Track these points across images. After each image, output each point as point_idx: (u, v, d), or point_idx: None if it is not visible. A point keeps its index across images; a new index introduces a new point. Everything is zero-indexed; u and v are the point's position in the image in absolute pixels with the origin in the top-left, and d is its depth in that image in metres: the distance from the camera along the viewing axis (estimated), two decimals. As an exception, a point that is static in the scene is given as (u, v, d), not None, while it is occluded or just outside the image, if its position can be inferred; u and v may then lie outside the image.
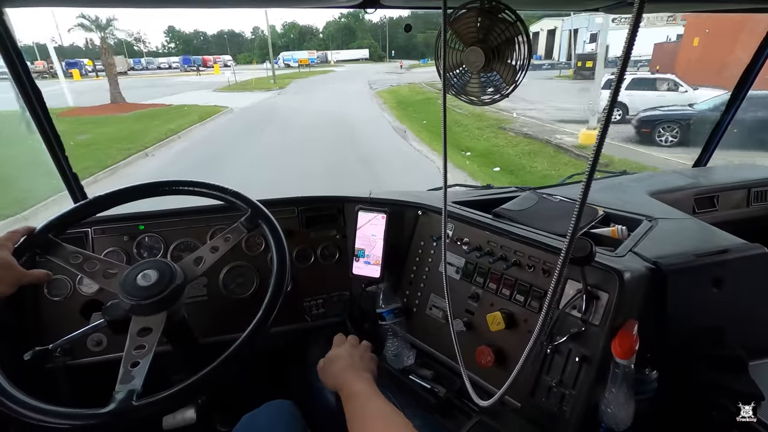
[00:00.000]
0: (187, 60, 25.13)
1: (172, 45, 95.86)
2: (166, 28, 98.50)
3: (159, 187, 0.97)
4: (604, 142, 0.48)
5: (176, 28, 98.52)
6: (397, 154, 7.82)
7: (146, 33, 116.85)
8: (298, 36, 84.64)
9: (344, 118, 11.71)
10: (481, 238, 1.04)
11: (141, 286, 0.78)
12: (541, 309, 0.90)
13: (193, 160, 7.95)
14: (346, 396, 0.71)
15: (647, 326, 0.80)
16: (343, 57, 66.36)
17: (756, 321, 0.94)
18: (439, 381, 1.04)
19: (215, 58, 63.29)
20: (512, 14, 0.76)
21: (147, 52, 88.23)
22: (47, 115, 1.10)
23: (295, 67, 46.27)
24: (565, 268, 0.58)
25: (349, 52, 70.07)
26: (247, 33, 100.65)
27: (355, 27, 78.86)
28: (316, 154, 7.82)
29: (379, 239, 1.20)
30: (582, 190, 0.51)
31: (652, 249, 0.91)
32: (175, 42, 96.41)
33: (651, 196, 1.32)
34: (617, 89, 0.46)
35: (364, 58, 66.66)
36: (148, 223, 1.17)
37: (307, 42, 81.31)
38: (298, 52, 60.19)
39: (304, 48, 69.60)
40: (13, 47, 0.99)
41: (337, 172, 6.48)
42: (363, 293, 1.24)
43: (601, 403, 0.79)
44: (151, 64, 57.99)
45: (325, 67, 53.52)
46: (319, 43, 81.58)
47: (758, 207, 1.52)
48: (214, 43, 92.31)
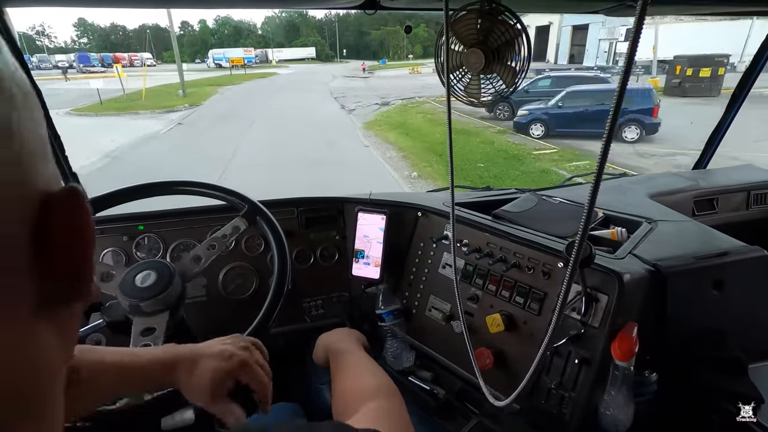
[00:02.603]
0: (85, 58, 20.11)
1: (84, 40, 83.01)
2: (76, 21, 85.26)
3: (158, 187, 0.97)
4: (609, 146, 0.48)
5: (89, 21, 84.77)
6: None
7: (51, 26, 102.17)
8: (233, 32, 75.25)
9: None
10: (481, 239, 1.04)
11: (140, 286, 0.78)
12: (540, 311, 0.90)
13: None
14: (332, 354, 0.73)
15: (647, 328, 0.80)
16: (286, 56, 58.80)
17: (756, 323, 0.94)
18: (438, 382, 1.04)
19: (131, 56, 52.71)
20: (512, 16, 0.76)
21: (53, 48, 76.18)
22: (47, 113, 1.09)
23: (227, 67, 36.50)
24: (575, 273, 0.57)
25: (293, 50, 62.29)
26: (176, 28, 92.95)
27: (299, 23, 70.38)
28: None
29: (379, 240, 1.20)
30: (589, 193, 0.51)
31: (652, 251, 0.91)
32: (88, 36, 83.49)
33: (650, 198, 1.32)
34: (622, 90, 0.46)
35: (311, 58, 59.87)
36: (148, 223, 1.17)
37: (244, 39, 71.42)
38: (231, 50, 49.92)
39: (241, 46, 58.46)
40: (12, 46, 0.99)
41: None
42: (362, 294, 1.24)
43: (600, 406, 0.79)
44: (45, 62, 45.49)
45: (265, 68, 44.34)
46: (257, 40, 72.33)
47: (758, 209, 1.52)
48: (136, 39, 77.80)
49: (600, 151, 0.49)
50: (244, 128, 10.15)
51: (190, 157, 7.64)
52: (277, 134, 9.62)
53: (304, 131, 9.81)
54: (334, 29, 64.70)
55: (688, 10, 1.18)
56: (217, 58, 45.40)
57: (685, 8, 1.23)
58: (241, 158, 7.38)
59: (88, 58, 21.80)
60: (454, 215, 0.87)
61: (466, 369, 1.02)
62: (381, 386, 0.60)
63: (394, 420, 0.52)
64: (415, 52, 61.71)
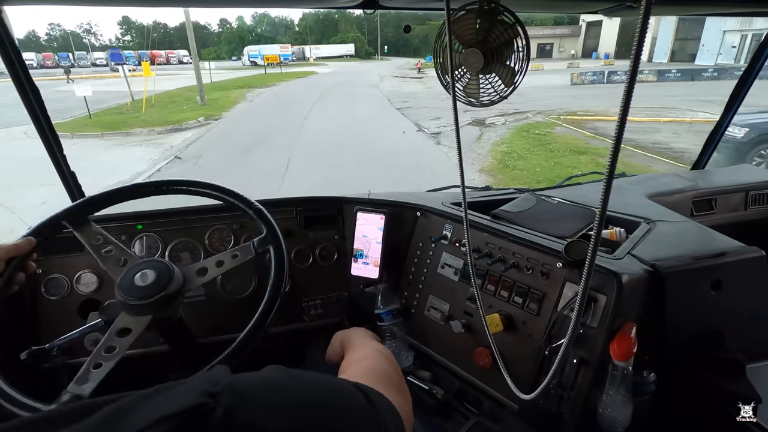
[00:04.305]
0: (117, 56, 19.10)
1: (127, 38, 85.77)
2: (121, 19, 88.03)
3: (157, 186, 0.97)
4: (620, 147, 0.48)
5: (132, 19, 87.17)
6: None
7: (98, 24, 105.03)
8: (271, 29, 75.21)
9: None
10: (480, 239, 1.04)
11: (138, 285, 0.78)
12: (539, 311, 0.90)
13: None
14: (347, 344, 0.72)
15: (645, 329, 0.80)
16: (324, 53, 56.98)
17: (754, 324, 0.94)
18: (437, 382, 1.04)
19: (168, 53, 53.39)
20: (511, 16, 0.76)
21: (99, 45, 78.38)
22: (45, 113, 1.09)
23: (263, 65, 34.50)
24: (590, 277, 0.58)
25: (331, 47, 59.97)
26: (213, 26, 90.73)
27: (338, 18, 67.62)
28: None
29: (378, 240, 1.20)
30: (602, 195, 0.51)
31: (650, 251, 0.91)
32: (131, 34, 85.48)
33: (649, 198, 1.32)
34: (629, 93, 0.46)
35: (349, 55, 57.50)
36: (146, 222, 1.17)
37: (281, 36, 71.57)
38: (267, 47, 47.25)
39: (278, 43, 56.11)
40: (11, 46, 0.99)
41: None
42: (361, 294, 1.24)
43: (599, 405, 0.79)
44: (83, 60, 48.77)
45: (302, 66, 42.60)
46: (294, 36, 71.40)
47: (756, 210, 1.52)
48: (177, 36, 77.87)
49: (611, 151, 0.49)
50: (277, 176, 6.13)
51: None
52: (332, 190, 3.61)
53: (378, 184, 5.64)
54: (375, 24, 60.48)
55: (689, 10, 1.18)
56: (252, 55, 43.85)
57: (685, 8, 1.23)
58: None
59: (121, 56, 20.90)
60: (467, 219, 0.87)
61: (465, 369, 1.02)
62: (376, 351, 0.60)
63: (378, 375, 0.52)
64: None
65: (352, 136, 8.99)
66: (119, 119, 11.30)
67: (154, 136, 9.69)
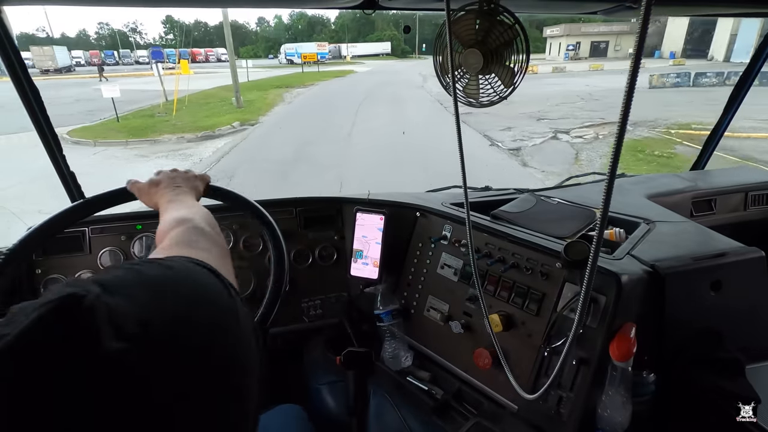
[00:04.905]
0: (158, 54, 19.72)
1: (170, 36, 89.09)
2: (164, 18, 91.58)
3: None
4: (621, 148, 0.48)
5: (175, 18, 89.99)
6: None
7: (143, 23, 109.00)
8: (307, 27, 74.43)
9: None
10: (480, 239, 1.04)
11: None
12: (539, 311, 0.90)
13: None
14: (161, 210, 0.69)
15: (645, 329, 0.80)
16: (360, 51, 55.86)
17: (753, 324, 0.94)
18: (436, 383, 1.04)
19: (207, 51, 54.78)
20: (511, 17, 0.76)
21: (144, 44, 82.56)
22: (44, 112, 1.09)
23: (299, 63, 34.46)
24: (593, 278, 0.58)
25: (367, 45, 58.81)
26: (252, 24, 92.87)
27: (374, 17, 69.11)
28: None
29: (378, 240, 1.20)
30: (603, 196, 0.51)
31: (650, 252, 0.91)
32: (174, 33, 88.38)
33: (649, 198, 1.32)
34: (630, 94, 0.46)
35: (385, 53, 56.45)
36: (146, 222, 1.17)
37: (317, 34, 70.77)
38: (305, 44, 46.62)
39: (314, 41, 54.72)
40: (10, 45, 0.98)
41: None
42: (361, 294, 1.24)
43: (598, 406, 0.79)
44: (126, 58, 51.97)
45: (339, 64, 41.95)
46: (330, 35, 70.59)
47: (755, 210, 1.52)
48: (216, 35, 78.53)
49: (612, 152, 0.48)
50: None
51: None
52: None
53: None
54: (412, 22, 61.86)
55: (689, 11, 1.18)
56: (289, 53, 43.60)
57: (685, 9, 1.24)
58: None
59: (161, 54, 21.67)
60: (470, 220, 0.86)
61: (465, 369, 1.02)
62: (187, 215, 0.59)
63: (192, 241, 0.53)
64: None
65: (412, 150, 7.24)
66: (148, 123, 10.44)
67: (183, 145, 8.64)
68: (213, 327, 0.33)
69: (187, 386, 0.28)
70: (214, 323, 0.33)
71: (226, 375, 0.32)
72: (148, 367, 0.26)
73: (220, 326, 0.33)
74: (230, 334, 0.34)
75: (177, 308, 0.31)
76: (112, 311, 0.26)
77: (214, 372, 0.31)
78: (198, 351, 0.30)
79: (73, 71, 35.68)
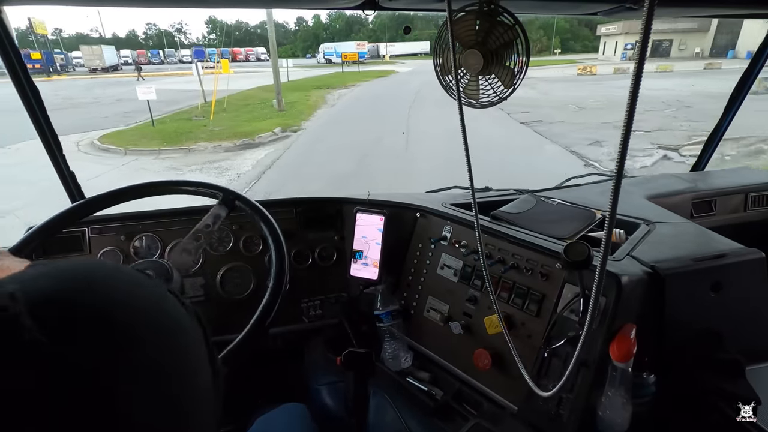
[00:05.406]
0: (200, 53, 20.08)
1: (212, 36, 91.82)
2: (207, 18, 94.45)
3: (158, 186, 0.97)
4: (627, 149, 0.48)
5: (217, 18, 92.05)
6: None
7: (188, 24, 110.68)
8: (345, 26, 73.32)
9: None
10: None
11: None
12: (539, 312, 0.90)
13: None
14: None
15: (645, 330, 0.80)
16: (398, 51, 55.05)
17: (753, 325, 0.94)
18: (436, 383, 1.03)
19: (247, 51, 55.60)
20: (510, 17, 0.76)
21: (187, 43, 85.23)
22: (44, 113, 1.09)
23: (339, 63, 33.37)
24: (602, 281, 0.58)
25: (406, 45, 56.95)
26: (291, 24, 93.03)
27: (413, 15, 65.06)
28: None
29: (377, 241, 1.20)
30: (610, 198, 0.51)
31: (650, 253, 0.91)
32: (216, 33, 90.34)
33: (649, 199, 1.32)
34: (635, 94, 0.46)
35: (424, 53, 54.56)
36: (145, 223, 1.17)
37: (355, 33, 70.50)
38: (344, 44, 45.81)
39: (352, 40, 54.59)
40: (10, 45, 0.98)
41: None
42: (361, 295, 1.24)
43: (598, 407, 0.79)
44: (171, 57, 53.64)
45: (378, 64, 40.47)
46: (368, 34, 69.85)
47: (755, 211, 1.52)
48: (256, 35, 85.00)
49: (617, 154, 0.48)
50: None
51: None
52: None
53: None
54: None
55: (689, 11, 1.18)
56: (328, 52, 42.53)
57: (685, 10, 1.24)
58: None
59: (203, 53, 21.86)
60: (478, 224, 0.85)
61: (465, 370, 1.02)
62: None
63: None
64: (550, 47, 51.61)
65: (489, 171, 4.72)
66: (185, 127, 9.60)
67: (220, 156, 7.59)
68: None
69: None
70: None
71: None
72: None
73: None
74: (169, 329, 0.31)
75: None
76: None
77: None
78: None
79: (120, 70, 36.27)
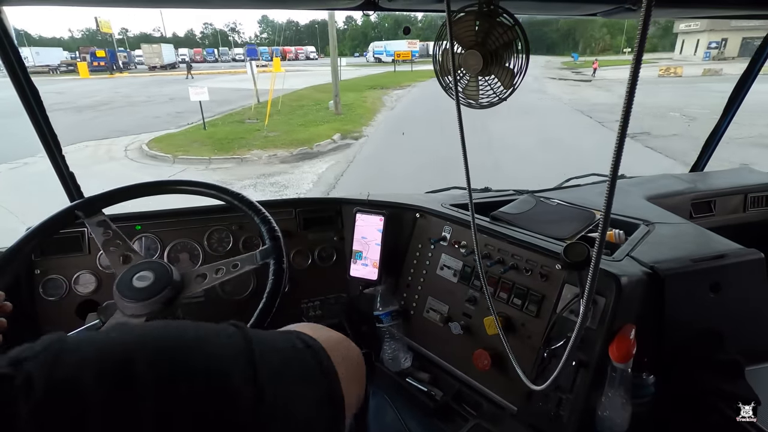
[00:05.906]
0: (252, 52, 19.87)
1: (264, 35, 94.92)
2: (260, 18, 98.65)
3: (159, 186, 0.97)
4: (622, 149, 0.48)
5: (269, 18, 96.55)
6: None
7: (241, 23, 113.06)
8: (393, 25, 71.34)
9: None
10: (479, 241, 1.04)
11: (136, 287, 0.78)
12: (538, 313, 0.90)
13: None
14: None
15: (644, 330, 0.80)
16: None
17: (753, 326, 0.94)
18: (436, 384, 1.03)
19: (297, 49, 56.12)
20: (510, 18, 0.76)
21: (241, 42, 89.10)
22: (44, 113, 1.09)
23: (388, 62, 32.11)
24: (595, 282, 0.58)
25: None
26: (339, 23, 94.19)
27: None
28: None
29: (377, 241, 1.20)
30: (605, 199, 0.51)
31: (650, 253, 0.91)
32: (268, 32, 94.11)
33: (648, 200, 1.32)
34: (631, 93, 0.46)
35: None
36: (145, 223, 1.16)
37: (403, 32, 74.00)
38: (395, 42, 42.84)
39: (399, 39, 50.34)
40: (10, 45, 0.98)
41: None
42: (360, 295, 1.24)
43: (598, 408, 0.79)
44: (225, 55, 55.76)
45: (429, 63, 39.74)
46: (417, 33, 66.92)
47: (755, 212, 1.52)
48: (306, 33, 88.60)
49: (613, 154, 0.48)
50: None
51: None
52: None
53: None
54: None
55: (688, 12, 1.18)
56: (378, 51, 41.52)
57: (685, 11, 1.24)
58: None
59: (255, 52, 21.65)
60: (475, 224, 0.85)
61: (464, 371, 1.02)
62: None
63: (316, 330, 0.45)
64: (614, 46, 47.79)
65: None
66: (237, 131, 9.04)
67: (275, 168, 6.73)
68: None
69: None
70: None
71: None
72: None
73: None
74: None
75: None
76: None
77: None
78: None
79: (177, 68, 37.14)
